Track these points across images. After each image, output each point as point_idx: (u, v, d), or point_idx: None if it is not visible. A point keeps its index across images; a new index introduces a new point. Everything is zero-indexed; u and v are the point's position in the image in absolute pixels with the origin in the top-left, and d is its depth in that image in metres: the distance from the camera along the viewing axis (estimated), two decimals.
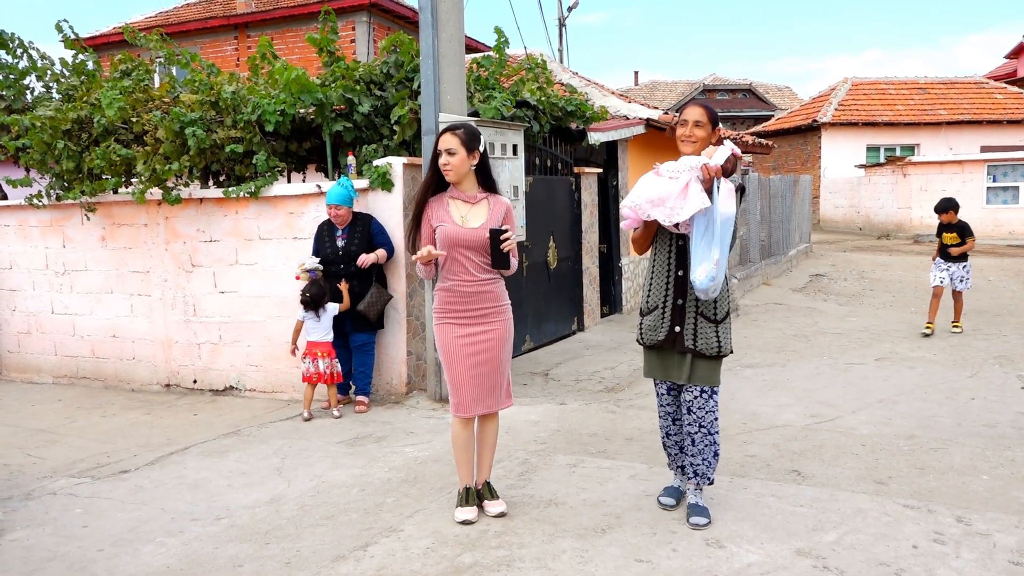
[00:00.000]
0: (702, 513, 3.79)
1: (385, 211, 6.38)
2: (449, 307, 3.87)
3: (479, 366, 3.86)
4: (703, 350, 3.72)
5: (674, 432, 3.98)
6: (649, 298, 3.86)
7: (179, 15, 18.85)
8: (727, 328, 3.78)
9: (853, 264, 15.43)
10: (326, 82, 6.82)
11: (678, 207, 3.55)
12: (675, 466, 4.07)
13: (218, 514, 4.18)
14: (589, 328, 9.45)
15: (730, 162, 3.62)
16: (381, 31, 17.06)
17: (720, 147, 3.65)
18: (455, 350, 3.85)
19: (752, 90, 40.80)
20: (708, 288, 3.58)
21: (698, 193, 3.53)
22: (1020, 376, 6.72)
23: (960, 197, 20.33)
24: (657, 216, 3.60)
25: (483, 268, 3.87)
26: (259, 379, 6.91)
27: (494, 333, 3.90)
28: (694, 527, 3.74)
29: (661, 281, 3.82)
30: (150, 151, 6.73)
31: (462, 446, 3.97)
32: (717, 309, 3.75)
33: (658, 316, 3.81)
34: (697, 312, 3.74)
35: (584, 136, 9.05)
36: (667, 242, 3.80)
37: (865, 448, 4.89)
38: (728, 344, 3.78)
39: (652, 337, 3.83)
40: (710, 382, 3.75)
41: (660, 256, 3.83)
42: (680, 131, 3.76)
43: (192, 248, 7.10)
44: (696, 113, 3.73)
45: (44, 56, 8.19)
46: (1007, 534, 3.61)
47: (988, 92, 25.87)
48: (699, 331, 3.73)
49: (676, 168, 3.61)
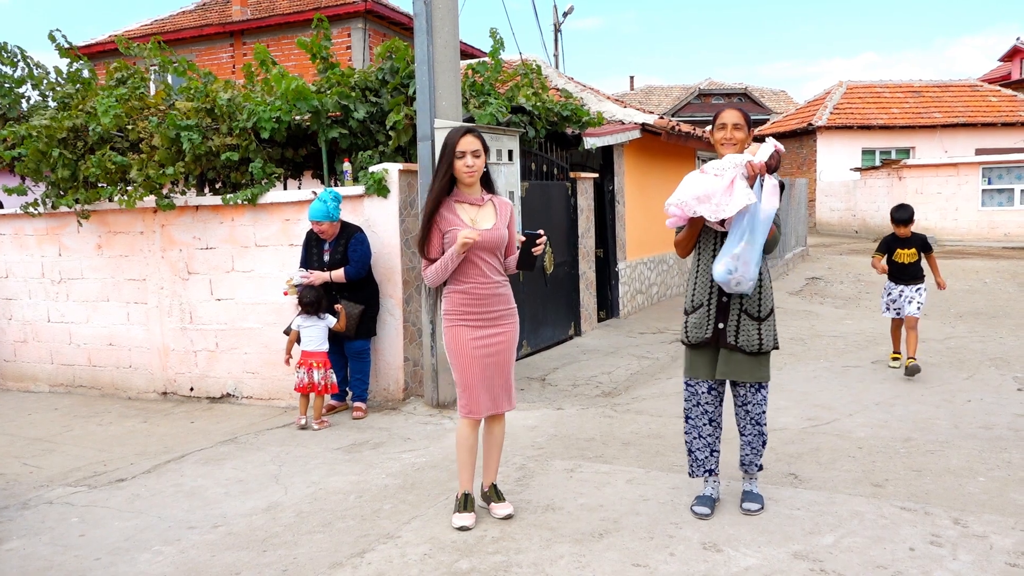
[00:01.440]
0: (756, 499, 3.96)
1: (381, 217, 6.39)
2: (464, 309, 3.86)
3: (491, 368, 3.88)
4: (743, 346, 3.80)
5: (707, 434, 3.98)
6: (694, 296, 3.92)
7: (175, 23, 18.87)
8: (771, 325, 3.86)
9: (849, 267, 15.45)
10: (322, 89, 6.83)
11: (724, 203, 3.60)
12: (702, 471, 4.02)
13: (215, 522, 4.17)
14: (586, 333, 9.45)
15: (774, 159, 3.68)
16: (377, 37, 17.09)
17: (763, 144, 3.72)
18: (468, 352, 3.86)
19: (748, 94, 40.86)
20: (727, 281, 3.65)
21: (743, 189, 3.59)
22: (1016, 378, 6.73)
23: (955, 200, 20.50)
24: (703, 212, 3.64)
25: (497, 270, 3.90)
26: (256, 386, 6.90)
27: (505, 335, 3.93)
28: (746, 512, 3.90)
29: (705, 279, 3.87)
30: (145, 158, 6.74)
31: (468, 449, 3.97)
32: (761, 306, 3.83)
33: (703, 314, 3.87)
34: (741, 309, 3.82)
35: (580, 141, 9.07)
36: (710, 241, 3.86)
37: (862, 451, 4.90)
38: (771, 341, 3.86)
39: (698, 335, 3.88)
40: (756, 377, 3.84)
41: (704, 255, 3.89)
42: (719, 135, 3.85)
43: (188, 255, 7.10)
44: (734, 116, 3.83)
45: (39, 65, 8.21)
46: (1004, 536, 3.61)
47: (982, 95, 25.97)
48: (741, 327, 3.81)
49: (721, 166, 3.67)
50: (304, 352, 5.92)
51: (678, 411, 5.94)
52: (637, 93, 42.73)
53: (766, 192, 3.62)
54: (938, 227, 20.52)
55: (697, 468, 4.02)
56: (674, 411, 5.96)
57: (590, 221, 9.70)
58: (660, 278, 12.22)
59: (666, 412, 5.96)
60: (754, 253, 3.61)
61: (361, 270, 6.05)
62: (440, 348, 6.21)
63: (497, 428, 4.05)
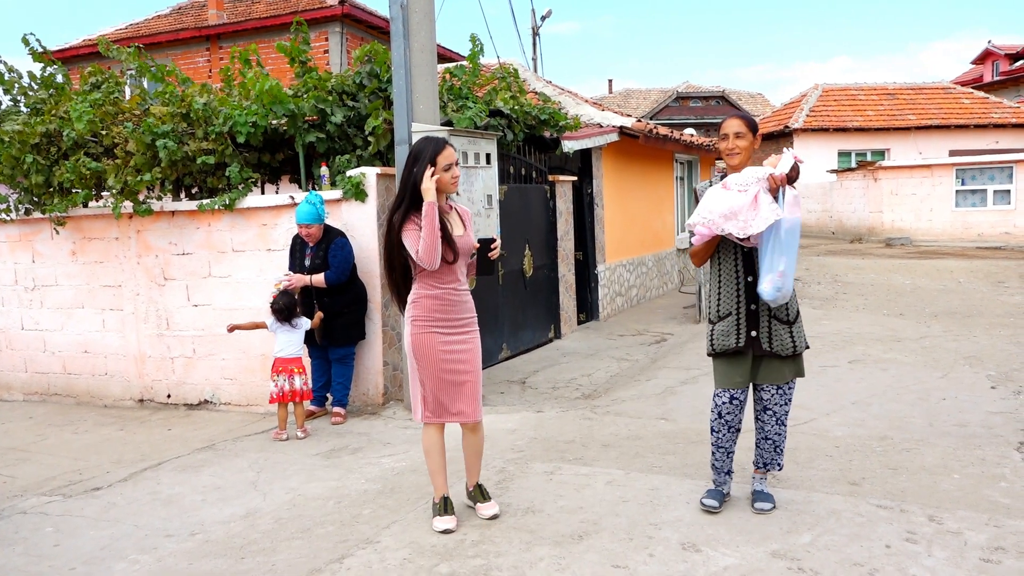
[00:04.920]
0: (767, 499, 3.97)
1: (359, 221, 6.37)
2: (435, 316, 3.86)
3: (461, 374, 3.89)
4: (779, 351, 3.84)
5: (726, 442, 3.99)
6: (720, 306, 3.91)
7: (150, 27, 18.70)
8: (800, 327, 3.92)
9: (826, 268, 15.59)
10: (298, 93, 6.80)
11: (750, 219, 3.61)
12: (722, 474, 4.07)
13: (192, 529, 4.13)
14: (566, 335, 9.47)
15: (795, 170, 3.69)
16: (354, 41, 17.04)
17: (783, 155, 3.73)
18: (436, 358, 3.85)
19: (725, 97, 41.17)
20: (776, 298, 3.70)
21: (769, 204, 3.61)
22: (990, 376, 6.82)
23: (930, 200, 20.75)
24: (731, 229, 3.65)
25: (464, 278, 3.96)
26: (234, 392, 6.85)
27: (472, 342, 3.96)
28: (758, 511, 3.92)
29: (731, 288, 3.88)
30: (121, 164, 6.67)
31: (437, 453, 3.97)
32: (789, 311, 3.87)
33: (732, 322, 3.86)
34: (771, 315, 3.84)
35: (558, 144, 9.09)
36: (731, 250, 3.86)
37: (839, 450, 4.94)
38: (803, 342, 3.92)
39: (724, 343, 3.87)
40: (795, 374, 3.92)
41: (727, 264, 3.89)
42: (723, 145, 3.85)
43: (164, 261, 7.04)
44: (735, 125, 3.82)
45: (12, 69, 8.09)
46: (978, 532, 3.66)
47: (955, 97, 26.32)
48: (774, 333, 3.83)
49: (743, 181, 3.67)
50: (280, 359, 5.77)
51: (657, 413, 5.96)
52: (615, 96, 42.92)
53: (788, 203, 3.65)
54: (913, 228, 20.76)
55: (719, 474, 4.07)
56: (654, 413, 5.98)
57: (569, 224, 9.73)
58: (639, 280, 12.27)
59: (645, 414, 5.98)
60: (793, 267, 3.68)
61: (342, 275, 6.02)
62: None
63: (475, 437, 4.05)
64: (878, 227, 21.27)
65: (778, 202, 3.64)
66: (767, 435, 3.98)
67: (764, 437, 3.99)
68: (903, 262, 15.94)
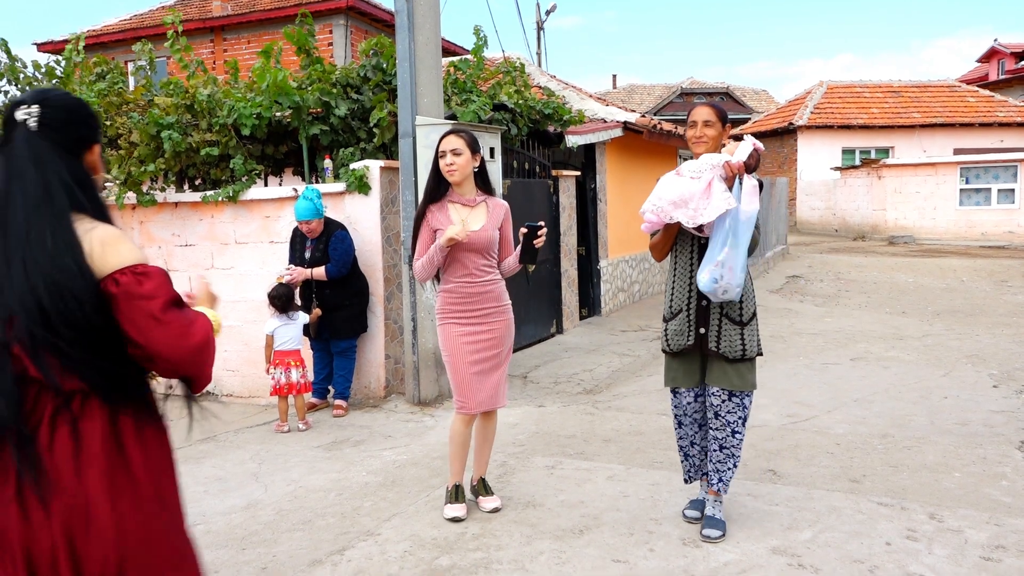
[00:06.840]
0: (717, 526, 3.65)
1: (362, 214, 6.37)
2: (452, 307, 3.92)
3: (481, 363, 3.92)
4: (726, 352, 3.59)
5: (699, 440, 3.81)
6: (672, 302, 3.74)
7: (154, 18, 18.68)
8: (753, 330, 3.65)
9: (829, 265, 15.58)
10: (303, 85, 6.79)
11: (701, 208, 3.40)
12: (698, 475, 3.89)
13: (194, 520, 4.12)
14: (568, 331, 9.47)
15: (752, 158, 3.50)
16: (359, 34, 17.02)
17: (742, 143, 3.53)
18: (457, 348, 3.91)
19: (729, 93, 41.07)
20: (713, 290, 3.46)
21: (722, 192, 3.39)
22: (992, 375, 6.81)
23: (934, 199, 20.73)
24: (680, 218, 3.45)
25: (484, 270, 3.94)
26: (236, 384, 6.86)
27: (495, 332, 3.97)
28: (706, 539, 3.61)
29: (683, 284, 3.69)
30: (124, 155, 6.68)
31: (461, 443, 4.01)
32: (743, 311, 3.62)
33: (683, 320, 3.68)
34: (722, 314, 3.61)
35: (562, 139, 9.08)
36: (688, 244, 3.68)
37: (840, 447, 4.94)
38: (754, 347, 3.64)
39: (679, 342, 3.68)
40: (737, 386, 3.60)
41: (681, 258, 3.71)
42: (690, 133, 3.65)
43: (167, 252, 7.04)
44: (704, 113, 3.63)
45: (16, 58, 8.09)
46: (978, 530, 3.66)
47: (960, 95, 26.26)
48: (723, 333, 3.60)
49: (698, 167, 3.47)
50: (278, 352, 5.78)
51: (659, 408, 5.97)
52: (619, 92, 42.83)
53: (746, 193, 3.42)
54: (917, 226, 20.74)
55: (694, 472, 3.89)
56: (655, 408, 5.99)
57: (572, 219, 9.72)
58: (642, 276, 12.26)
59: (647, 409, 5.98)
60: (739, 258, 3.41)
61: (342, 268, 6.02)
62: (421, 346, 6.21)
63: (490, 424, 4.10)
64: (881, 225, 21.26)
65: (734, 191, 3.43)
66: (722, 443, 3.66)
67: (719, 447, 3.67)
68: (906, 260, 15.94)
